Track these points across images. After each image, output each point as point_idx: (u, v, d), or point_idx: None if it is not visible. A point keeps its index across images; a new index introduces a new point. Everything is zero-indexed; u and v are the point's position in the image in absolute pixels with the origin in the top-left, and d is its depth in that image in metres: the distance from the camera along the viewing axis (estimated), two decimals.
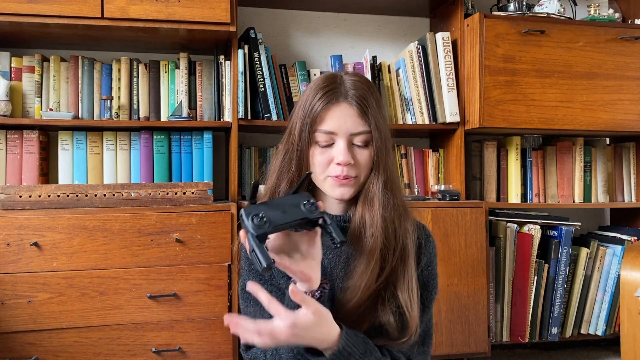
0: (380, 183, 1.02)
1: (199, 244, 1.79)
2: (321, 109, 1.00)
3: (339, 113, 1.00)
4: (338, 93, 1.01)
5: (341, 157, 0.99)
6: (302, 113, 1.03)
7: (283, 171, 1.05)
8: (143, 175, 2.02)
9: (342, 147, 1.00)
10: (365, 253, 0.99)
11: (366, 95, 1.02)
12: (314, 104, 1.01)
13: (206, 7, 1.88)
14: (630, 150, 2.44)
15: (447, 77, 2.16)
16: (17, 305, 1.67)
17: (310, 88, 1.05)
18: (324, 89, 1.02)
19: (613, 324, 2.31)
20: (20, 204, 1.72)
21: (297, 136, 1.03)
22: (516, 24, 2.08)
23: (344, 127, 1.00)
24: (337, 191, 1.02)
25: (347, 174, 1.00)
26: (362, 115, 1.00)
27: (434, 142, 2.45)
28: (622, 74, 2.17)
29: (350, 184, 1.02)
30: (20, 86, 2.00)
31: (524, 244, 2.16)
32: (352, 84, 1.02)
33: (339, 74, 1.06)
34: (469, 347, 2.02)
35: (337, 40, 2.42)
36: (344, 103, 1.01)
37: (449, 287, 2.00)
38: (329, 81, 1.03)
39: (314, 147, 1.02)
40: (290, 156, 1.05)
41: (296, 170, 1.04)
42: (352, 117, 1.00)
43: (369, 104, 1.01)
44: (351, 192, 1.03)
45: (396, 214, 1.02)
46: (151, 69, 2.08)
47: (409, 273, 1.00)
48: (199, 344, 1.80)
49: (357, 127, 1.01)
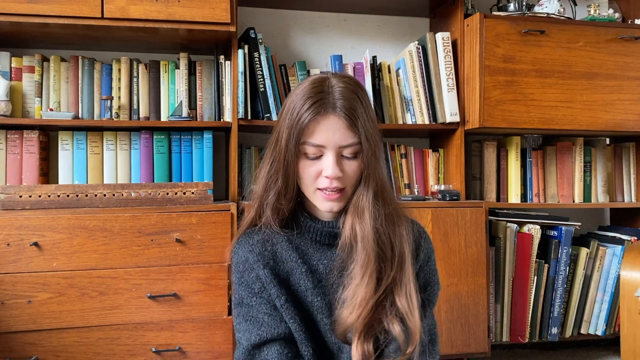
0: (370, 194, 1.00)
1: (199, 244, 1.79)
2: (309, 121, 0.97)
3: (328, 125, 0.97)
4: (326, 104, 0.97)
5: (330, 170, 0.97)
6: (289, 122, 0.99)
7: (270, 182, 1.03)
8: (143, 175, 2.02)
9: (331, 160, 0.98)
10: (360, 266, 0.98)
11: (355, 106, 0.98)
12: (301, 115, 0.98)
13: (206, 7, 1.88)
14: (630, 150, 2.44)
15: (447, 77, 2.16)
16: (17, 305, 1.67)
17: (297, 94, 1.01)
18: (312, 99, 0.98)
19: (613, 324, 2.31)
20: (20, 204, 1.72)
21: (284, 147, 1.00)
22: (516, 24, 2.08)
23: (332, 139, 0.97)
24: (326, 205, 1.01)
25: (336, 186, 0.99)
26: (351, 127, 0.97)
27: (434, 142, 2.45)
28: (622, 74, 2.17)
29: (338, 199, 1.01)
30: (20, 86, 2.00)
31: (524, 244, 2.16)
32: (341, 93, 0.98)
33: (328, 78, 1.02)
34: (469, 347, 2.02)
35: (337, 40, 2.42)
36: (332, 115, 0.97)
37: (449, 287, 2.00)
38: (317, 89, 0.99)
39: (302, 158, 1.00)
40: (277, 167, 1.02)
41: (283, 183, 1.02)
42: (340, 129, 0.97)
43: (358, 114, 0.98)
44: (340, 205, 1.02)
45: (389, 222, 1.01)
46: (151, 69, 2.08)
47: (406, 278, 1.00)
48: (199, 344, 1.80)
49: (346, 140, 0.98)
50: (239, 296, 1.07)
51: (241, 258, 1.07)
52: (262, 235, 1.07)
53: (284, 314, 1.03)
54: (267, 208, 1.05)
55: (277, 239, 1.07)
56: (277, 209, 1.04)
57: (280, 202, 1.03)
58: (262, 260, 1.04)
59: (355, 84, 1.03)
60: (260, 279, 1.04)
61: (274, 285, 1.03)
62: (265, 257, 1.05)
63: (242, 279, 1.06)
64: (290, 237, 1.07)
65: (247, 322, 1.05)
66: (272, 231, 1.07)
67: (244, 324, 1.05)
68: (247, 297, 1.06)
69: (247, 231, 1.09)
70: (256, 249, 1.05)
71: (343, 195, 1.01)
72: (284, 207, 1.04)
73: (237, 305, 1.08)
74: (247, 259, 1.06)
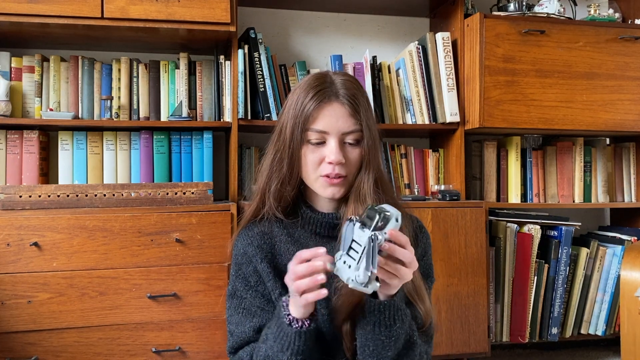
0: (372, 181, 1.03)
1: (199, 244, 1.79)
2: (313, 108, 1.01)
3: (331, 112, 1.01)
4: (329, 92, 1.02)
5: (333, 156, 1.01)
6: (293, 112, 1.03)
7: (274, 171, 1.06)
8: (143, 175, 2.02)
9: (334, 146, 1.01)
10: None
11: (357, 95, 1.03)
12: (305, 104, 1.02)
13: (206, 7, 1.88)
14: (630, 150, 2.44)
15: (447, 77, 2.16)
16: (17, 305, 1.67)
17: (300, 87, 1.05)
18: (316, 88, 1.02)
19: (613, 324, 2.31)
20: (20, 204, 1.72)
21: (289, 135, 1.03)
22: (516, 24, 2.08)
23: (335, 126, 1.01)
24: (328, 191, 1.04)
25: (338, 172, 1.01)
26: (354, 114, 1.02)
27: (434, 142, 2.45)
28: (622, 74, 2.17)
29: (340, 184, 1.03)
30: (20, 86, 2.00)
31: (524, 244, 2.16)
32: (343, 83, 1.04)
33: (329, 73, 1.07)
34: (469, 347, 2.02)
35: (337, 40, 2.42)
36: (335, 102, 1.02)
37: (449, 287, 2.00)
38: (320, 81, 1.04)
39: (306, 146, 1.04)
40: (281, 155, 1.05)
41: (288, 170, 1.05)
42: (343, 116, 1.02)
43: (360, 102, 1.03)
44: (342, 191, 1.04)
45: None
46: (151, 69, 2.08)
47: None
48: (199, 344, 1.80)
49: (348, 126, 1.02)
50: (234, 288, 1.09)
51: (240, 251, 1.09)
52: (262, 227, 1.09)
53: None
54: (270, 197, 1.07)
55: (277, 231, 1.09)
56: (280, 196, 1.06)
57: (284, 189, 1.06)
58: (261, 253, 1.06)
59: (356, 80, 1.08)
60: (258, 272, 1.06)
61: (270, 278, 1.05)
62: (264, 250, 1.07)
63: (240, 271, 1.08)
64: (290, 229, 1.09)
65: (240, 314, 1.07)
66: (273, 223, 1.09)
67: (236, 316, 1.07)
68: (242, 289, 1.07)
69: (248, 224, 1.11)
70: (255, 241, 1.07)
71: (345, 182, 1.04)
72: (287, 194, 1.06)
73: (230, 296, 1.09)
74: (245, 251, 1.08)
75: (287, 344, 0.93)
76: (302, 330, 0.93)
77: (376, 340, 0.93)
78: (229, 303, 1.09)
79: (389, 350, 0.93)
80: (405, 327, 0.95)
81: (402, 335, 0.94)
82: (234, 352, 1.08)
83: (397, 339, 0.94)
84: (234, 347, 1.07)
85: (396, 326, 0.92)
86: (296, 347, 0.93)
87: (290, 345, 0.93)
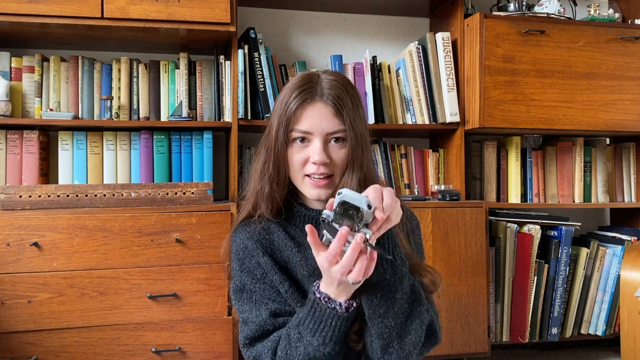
0: (355, 181, 1.02)
1: (199, 244, 1.79)
2: (296, 108, 1.01)
3: (315, 112, 1.02)
4: (314, 92, 1.02)
5: (317, 156, 1.01)
6: (278, 112, 1.04)
7: (264, 172, 1.07)
8: (143, 176, 2.02)
9: (318, 146, 1.01)
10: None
11: (341, 95, 1.02)
12: (289, 103, 1.02)
13: (206, 7, 1.88)
14: (630, 150, 2.44)
15: (447, 77, 2.16)
16: (17, 305, 1.67)
17: (287, 87, 1.06)
18: (300, 88, 1.03)
19: (613, 324, 2.31)
20: (20, 204, 1.72)
21: (275, 135, 1.04)
22: (516, 24, 2.08)
23: (319, 126, 1.01)
24: (314, 192, 1.04)
25: (323, 172, 1.02)
26: (338, 114, 1.01)
27: (434, 142, 2.45)
28: (622, 74, 2.17)
29: (326, 185, 1.03)
30: (20, 86, 2.00)
31: (524, 244, 2.16)
32: (329, 83, 1.03)
33: (317, 72, 1.07)
34: (469, 347, 2.02)
35: (337, 40, 2.42)
36: (319, 102, 1.02)
37: (449, 287, 2.00)
38: (305, 80, 1.04)
39: (291, 146, 1.04)
40: (268, 156, 1.06)
41: (274, 169, 1.05)
42: (327, 116, 1.01)
43: (344, 103, 1.02)
44: (328, 192, 1.04)
45: None
46: (151, 69, 2.08)
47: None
48: (199, 344, 1.80)
49: (332, 127, 1.02)
50: (241, 282, 1.07)
51: (240, 245, 1.08)
52: (259, 224, 1.09)
53: (289, 299, 1.03)
54: (262, 201, 1.07)
55: (273, 228, 1.09)
56: (271, 199, 1.07)
57: (273, 190, 1.06)
58: (261, 248, 1.06)
59: (344, 79, 1.07)
60: (261, 265, 1.05)
61: (275, 272, 1.04)
62: (264, 244, 1.07)
63: (244, 265, 1.07)
64: (285, 227, 1.09)
65: (253, 303, 1.05)
66: (268, 221, 1.09)
67: (250, 304, 1.05)
68: (251, 283, 1.06)
69: (243, 222, 1.11)
70: (254, 236, 1.07)
71: (331, 183, 1.04)
72: (277, 195, 1.06)
73: (238, 291, 1.07)
74: (246, 246, 1.07)
75: (335, 330, 0.92)
76: (353, 308, 0.92)
77: (382, 281, 0.91)
78: (238, 298, 1.07)
79: (396, 292, 0.92)
80: (406, 267, 0.95)
81: (405, 274, 0.94)
82: (250, 342, 1.03)
83: (402, 278, 0.93)
84: (250, 336, 1.03)
85: (397, 262, 0.93)
86: (341, 332, 0.92)
87: (335, 332, 0.92)
